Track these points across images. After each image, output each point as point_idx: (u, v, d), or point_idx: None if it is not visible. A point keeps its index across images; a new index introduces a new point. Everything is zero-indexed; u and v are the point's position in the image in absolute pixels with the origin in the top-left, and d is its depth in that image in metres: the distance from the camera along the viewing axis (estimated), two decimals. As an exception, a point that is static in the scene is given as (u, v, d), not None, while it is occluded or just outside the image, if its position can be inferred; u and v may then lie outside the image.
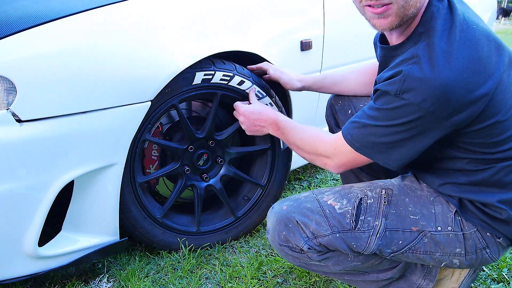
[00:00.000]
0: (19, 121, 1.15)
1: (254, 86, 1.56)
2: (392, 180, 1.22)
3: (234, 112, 1.51)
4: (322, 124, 2.19)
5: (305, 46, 1.82)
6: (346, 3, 2.04)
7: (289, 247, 1.19)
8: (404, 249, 1.14)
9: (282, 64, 1.70)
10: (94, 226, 1.38)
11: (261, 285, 1.50)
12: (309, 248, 1.16)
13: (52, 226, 1.34)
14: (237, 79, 1.53)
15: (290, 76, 1.57)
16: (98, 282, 1.48)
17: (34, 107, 1.16)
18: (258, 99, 1.58)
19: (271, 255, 1.68)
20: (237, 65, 1.55)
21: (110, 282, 1.49)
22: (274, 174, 1.74)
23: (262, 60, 1.63)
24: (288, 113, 1.82)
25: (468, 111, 0.96)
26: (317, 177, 2.40)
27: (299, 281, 1.53)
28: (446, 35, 0.98)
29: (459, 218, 1.11)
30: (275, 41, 1.71)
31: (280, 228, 1.18)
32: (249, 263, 1.62)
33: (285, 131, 1.33)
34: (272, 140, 1.70)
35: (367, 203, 1.15)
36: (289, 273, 1.58)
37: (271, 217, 1.21)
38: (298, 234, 1.16)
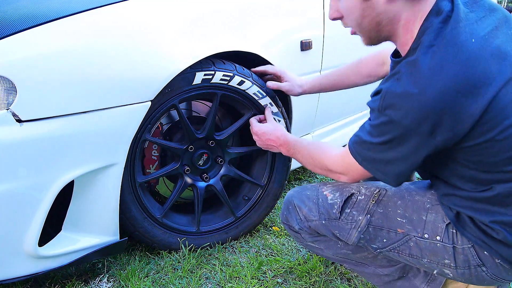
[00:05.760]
0: (19, 121, 1.15)
1: (269, 105, 1.60)
2: None
3: (250, 127, 1.57)
4: (322, 124, 2.19)
5: (305, 46, 1.82)
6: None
7: (288, 225, 1.35)
8: (388, 248, 1.18)
9: (282, 64, 1.70)
10: (94, 226, 1.38)
11: (261, 285, 1.51)
12: (300, 229, 1.30)
13: (52, 226, 1.34)
14: (237, 79, 1.53)
15: (292, 83, 1.60)
16: (98, 282, 1.48)
17: (34, 107, 1.16)
18: (258, 99, 1.58)
19: (271, 255, 1.68)
20: (237, 65, 1.55)
21: (110, 282, 1.49)
22: (274, 174, 1.74)
23: (263, 60, 1.63)
24: (288, 113, 1.82)
25: (453, 130, 0.93)
26: (317, 177, 2.40)
27: (299, 281, 1.53)
28: (432, 51, 0.93)
29: (453, 231, 1.09)
30: (275, 41, 1.71)
31: (284, 208, 1.35)
32: (249, 263, 1.62)
33: (295, 151, 1.39)
34: (272, 140, 1.70)
35: (357, 198, 1.21)
36: (289, 273, 1.58)
37: (284, 199, 1.37)
38: (294, 216, 1.31)
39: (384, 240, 1.17)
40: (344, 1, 1.03)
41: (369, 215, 1.18)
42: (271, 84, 1.59)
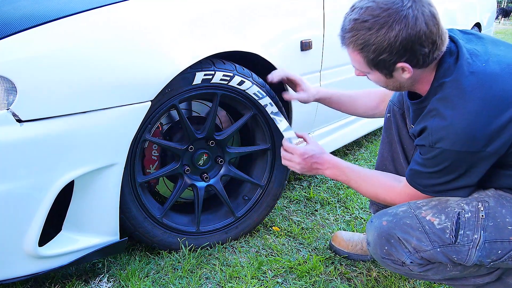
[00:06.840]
0: (19, 121, 1.15)
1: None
2: (487, 191, 1.24)
3: (282, 150, 1.50)
4: (322, 125, 2.19)
5: (305, 46, 1.82)
6: (346, 3, 2.04)
7: (391, 260, 1.27)
8: (503, 258, 1.18)
9: (282, 64, 1.70)
10: (95, 226, 1.38)
11: (261, 285, 1.51)
12: (411, 262, 1.24)
13: (52, 226, 1.34)
14: (237, 79, 1.53)
15: (306, 90, 1.60)
16: (98, 282, 1.48)
17: (34, 107, 1.16)
18: (258, 99, 1.58)
19: (271, 255, 1.68)
20: (237, 65, 1.55)
21: (110, 282, 1.49)
22: (274, 174, 1.75)
23: (262, 60, 1.63)
24: (288, 114, 1.82)
25: (500, 138, 1.07)
26: (317, 177, 2.40)
27: (299, 281, 1.53)
28: (456, 85, 1.09)
29: None
30: (275, 41, 1.71)
31: (382, 243, 1.26)
32: (249, 263, 1.62)
33: (351, 180, 1.40)
34: (272, 140, 1.70)
35: (465, 217, 1.19)
36: (289, 273, 1.58)
37: (372, 231, 1.28)
38: (401, 250, 1.24)
39: (499, 252, 1.17)
40: (371, 75, 1.19)
41: (482, 231, 1.17)
42: (287, 95, 1.59)
